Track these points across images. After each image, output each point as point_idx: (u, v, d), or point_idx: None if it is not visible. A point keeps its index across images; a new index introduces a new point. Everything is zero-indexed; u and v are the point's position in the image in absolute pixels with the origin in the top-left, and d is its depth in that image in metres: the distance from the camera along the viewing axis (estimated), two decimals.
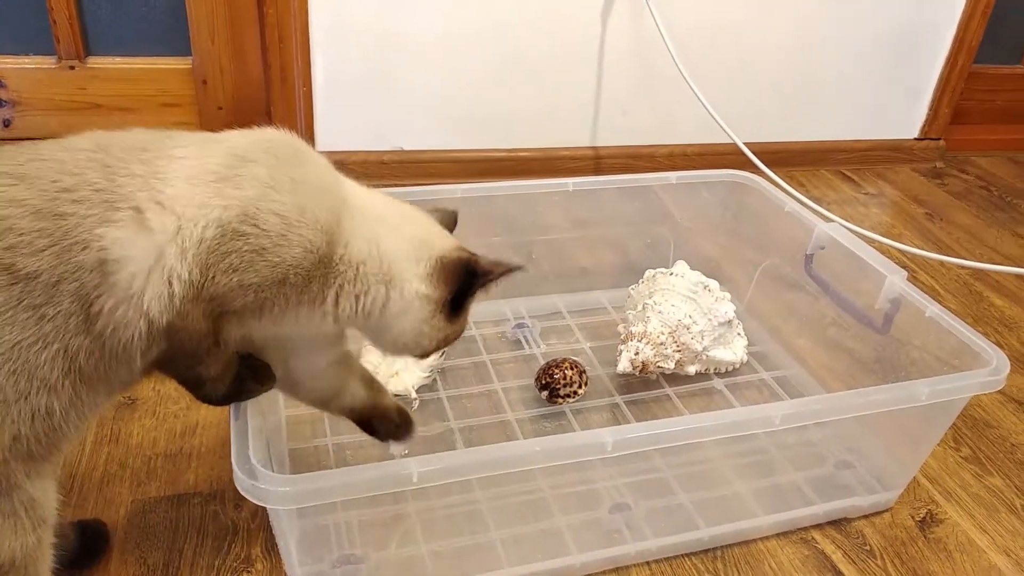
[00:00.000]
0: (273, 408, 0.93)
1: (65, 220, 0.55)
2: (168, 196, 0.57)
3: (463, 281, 0.70)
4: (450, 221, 0.77)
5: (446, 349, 1.03)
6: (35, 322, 0.54)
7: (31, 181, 0.55)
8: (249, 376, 0.69)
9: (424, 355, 0.75)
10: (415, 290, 0.68)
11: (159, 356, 0.60)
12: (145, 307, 0.56)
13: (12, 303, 0.54)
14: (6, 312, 0.54)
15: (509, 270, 0.72)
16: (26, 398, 0.56)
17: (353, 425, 0.96)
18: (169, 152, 0.60)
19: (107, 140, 0.61)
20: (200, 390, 0.66)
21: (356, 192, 0.69)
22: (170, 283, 0.57)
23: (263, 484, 0.61)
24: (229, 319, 0.61)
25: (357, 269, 0.65)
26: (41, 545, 0.62)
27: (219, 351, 0.63)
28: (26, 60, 1.48)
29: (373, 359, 1.01)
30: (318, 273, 0.62)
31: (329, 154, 1.59)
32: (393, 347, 0.72)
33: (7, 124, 1.50)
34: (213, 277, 0.58)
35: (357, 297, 0.66)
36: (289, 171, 0.62)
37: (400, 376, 1.00)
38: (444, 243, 0.71)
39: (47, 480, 0.62)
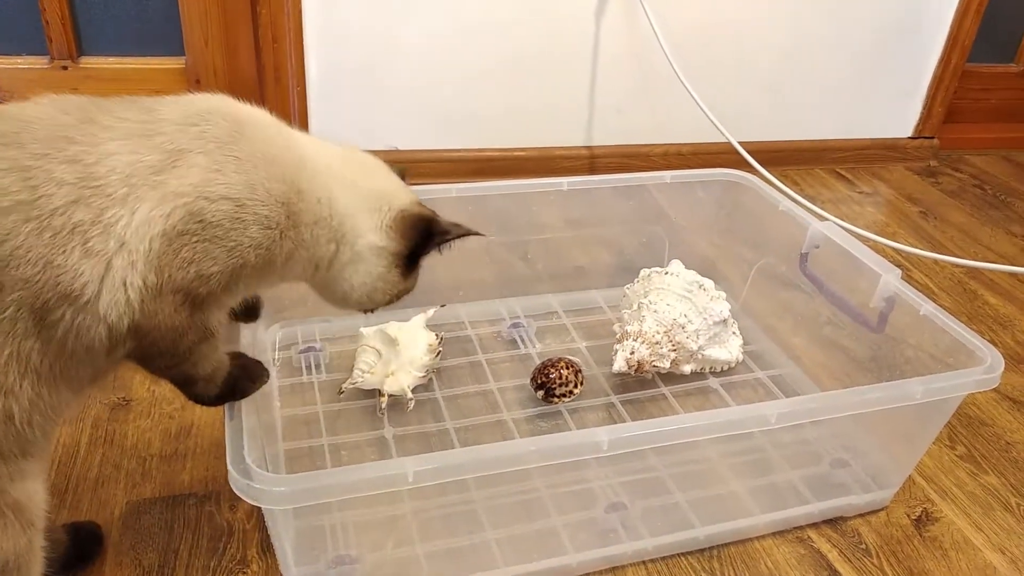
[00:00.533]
0: (268, 408, 0.93)
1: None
2: (108, 217, 0.55)
3: (422, 237, 0.71)
4: (400, 175, 0.78)
5: (440, 349, 1.03)
6: None
7: None
8: (242, 375, 0.69)
9: (372, 310, 0.76)
10: (369, 243, 0.69)
11: (136, 353, 0.60)
12: (102, 313, 0.55)
13: None
14: None
15: (467, 232, 0.75)
16: None
17: (350, 425, 0.97)
18: (100, 145, 0.56)
19: (22, 129, 0.56)
20: (192, 389, 0.66)
21: (312, 149, 0.67)
22: (125, 289, 0.56)
23: (258, 484, 0.61)
24: (206, 306, 0.60)
25: (311, 231, 0.64)
26: (32, 548, 0.61)
27: (208, 347, 0.63)
28: (19, 60, 1.47)
29: (369, 359, 1.01)
30: (280, 243, 0.62)
31: None
32: (343, 301, 0.72)
33: None
34: (169, 276, 0.57)
35: (309, 258, 0.66)
36: (231, 149, 0.60)
37: (396, 376, 0.99)
38: (405, 197, 0.72)
39: (33, 482, 0.61)
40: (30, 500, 0.61)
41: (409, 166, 1.59)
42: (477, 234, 0.77)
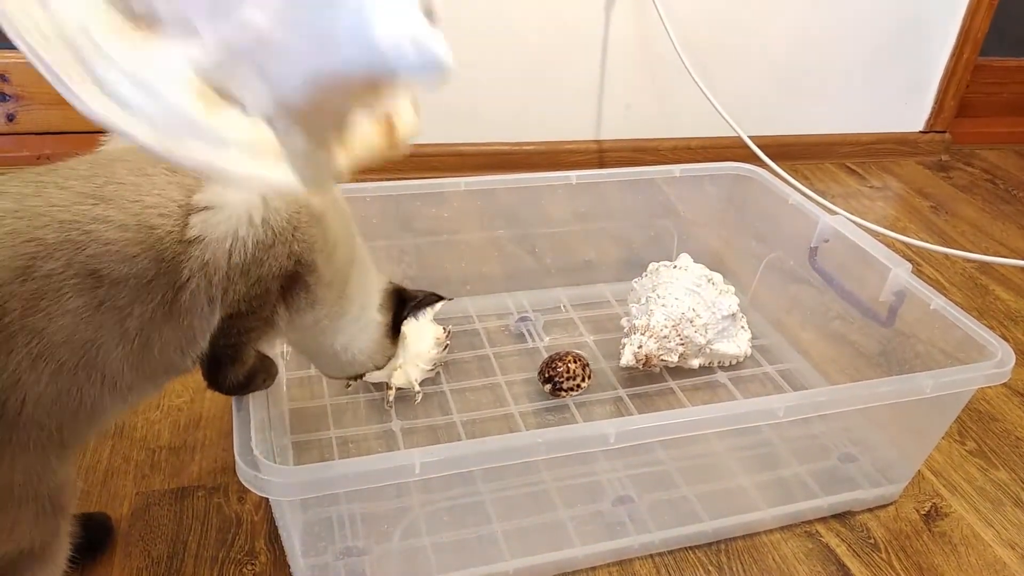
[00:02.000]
0: (276, 401, 0.93)
1: (156, 229, 0.58)
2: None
3: (398, 308, 0.83)
4: None
5: (448, 343, 1.04)
6: (116, 321, 0.57)
7: (112, 201, 0.58)
8: (261, 368, 0.71)
9: (362, 376, 0.87)
10: (374, 318, 0.79)
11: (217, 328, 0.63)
12: (227, 246, 0.60)
13: (94, 305, 0.56)
14: (85, 313, 0.56)
15: (435, 298, 0.89)
16: (80, 390, 0.58)
17: (357, 418, 0.97)
18: None
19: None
20: (221, 370, 0.67)
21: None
22: (252, 222, 0.61)
23: (266, 475, 0.61)
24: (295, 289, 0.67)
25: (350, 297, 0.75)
26: (59, 534, 0.63)
27: (269, 332, 0.68)
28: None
29: None
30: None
31: None
32: (348, 366, 0.82)
33: (11, 119, 1.50)
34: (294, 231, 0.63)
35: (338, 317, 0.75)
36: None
37: (403, 369, 0.99)
38: (381, 276, 0.82)
39: (71, 466, 0.64)
40: (66, 485, 0.62)
41: (419, 160, 1.61)
42: (443, 299, 0.91)
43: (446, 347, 1.04)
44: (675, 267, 1.11)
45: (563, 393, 1.01)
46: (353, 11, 0.29)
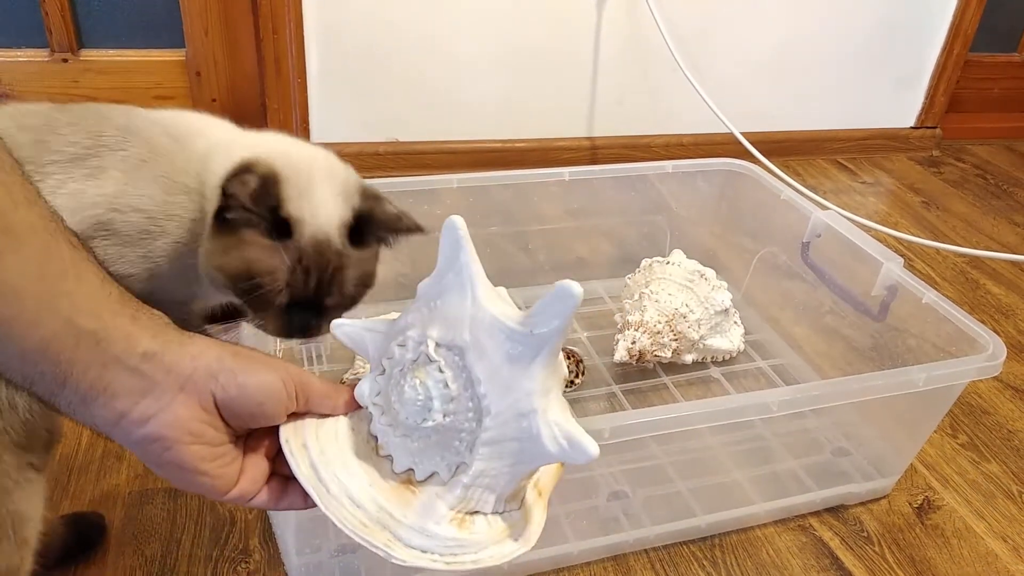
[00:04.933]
0: None
1: None
2: None
3: None
4: None
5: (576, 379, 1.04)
6: None
7: None
8: None
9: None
10: None
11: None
12: None
13: None
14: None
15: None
16: None
17: None
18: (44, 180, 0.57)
19: None
20: None
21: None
22: None
23: None
24: None
25: None
26: (21, 570, 0.60)
27: None
28: (19, 53, 1.47)
29: None
30: None
31: (324, 145, 1.59)
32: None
33: None
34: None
35: None
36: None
37: None
38: None
39: (36, 495, 0.60)
40: (31, 514, 0.59)
41: (411, 157, 1.61)
42: None
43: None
44: (668, 263, 1.12)
45: None
46: (532, 440, 0.47)
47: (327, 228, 0.61)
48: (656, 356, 1.05)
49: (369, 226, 0.65)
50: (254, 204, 0.58)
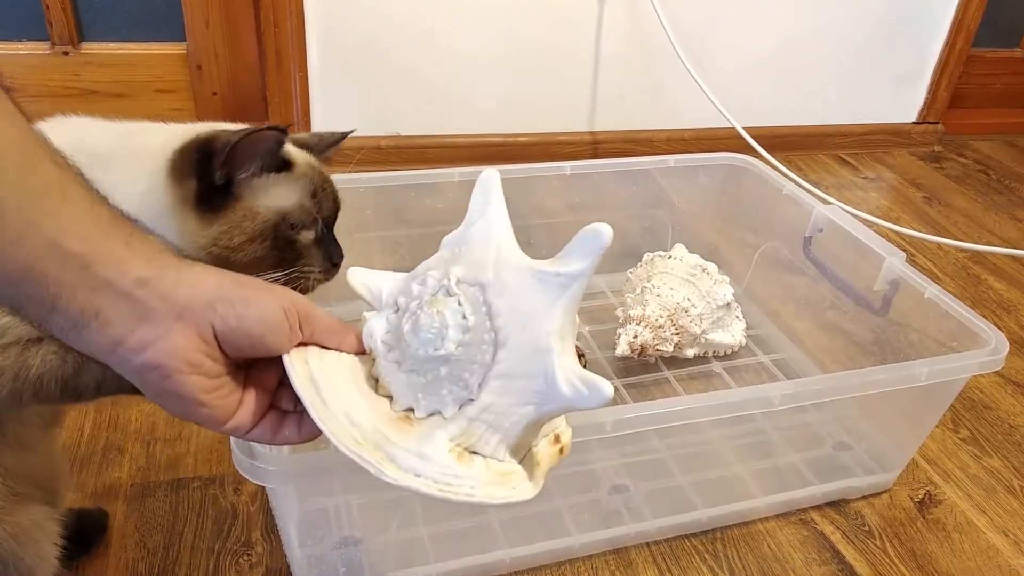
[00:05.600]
0: None
1: None
2: None
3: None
4: None
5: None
6: None
7: None
8: None
9: None
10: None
11: None
12: None
13: None
14: None
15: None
16: None
17: None
18: None
19: None
20: None
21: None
22: None
23: (261, 463, 0.61)
24: None
25: None
26: None
27: None
28: (19, 46, 1.46)
29: None
30: None
31: None
32: None
33: None
34: None
35: None
36: None
37: None
38: None
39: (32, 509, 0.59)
40: (27, 540, 0.58)
41: (412, 151, 1.61)
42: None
43: None
44: (670, 257, 1.12)
45: None
46: (546, 380, 0.46)
47: (302, 152, 0.63)
48: (658, 350, 1.05)
49: (310, 150, 0.67)
50: (252, 155, 0.56)
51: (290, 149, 0.62)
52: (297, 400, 0.47)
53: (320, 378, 0.48)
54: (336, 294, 1.14)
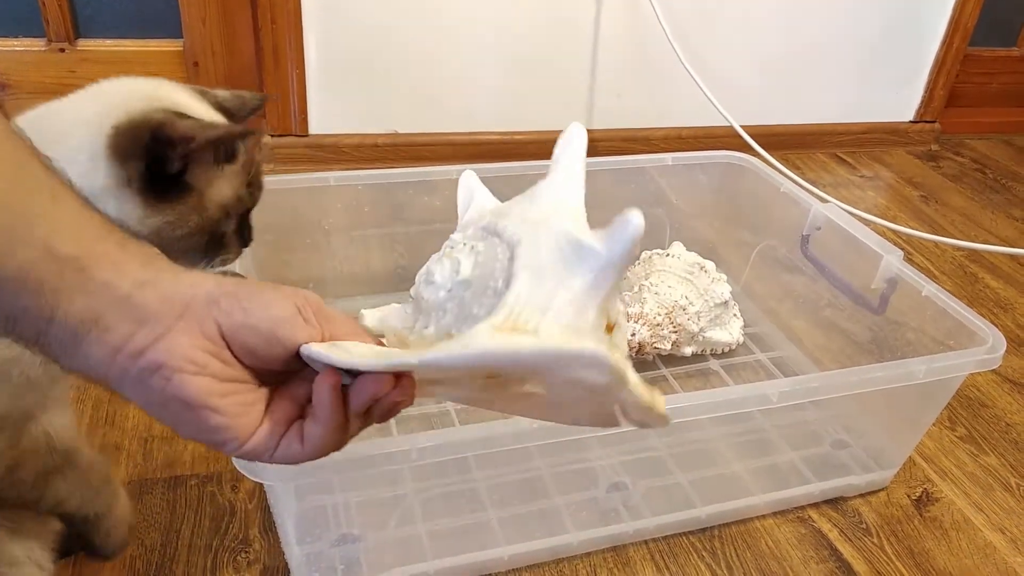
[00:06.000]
0: None
1: None
2: None
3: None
4: None
5: None
6: None
7: None
8: None
9: None
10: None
11: None
12: None
13: None
14: None
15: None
16: None
17: None
18: None
19: None
20: None
21: None
22: None
23: None
24: None
25: None
26: None
27: None
28: (15, 42, 1.46)
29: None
30: None
31: (322, 137, 1.58)
32: None
33: None
34: None
35: None
36: None
37: None
38: None
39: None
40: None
41: (410, 149, 1.60)
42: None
43: None
44: (668, 255, 1.12)
45: None
46: (573, 249, 0.43)
47: (240, 129, 0.57)
48: (655, 348, 1.05)
49: (229, 119, 0.62)
50: (216, 149, 0.53)
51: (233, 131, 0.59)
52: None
53: (345, 345, 0.44)
54: (334, 292, 1.15)
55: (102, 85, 0.58)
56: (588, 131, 1.66)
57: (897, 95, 1.85)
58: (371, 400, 0.43)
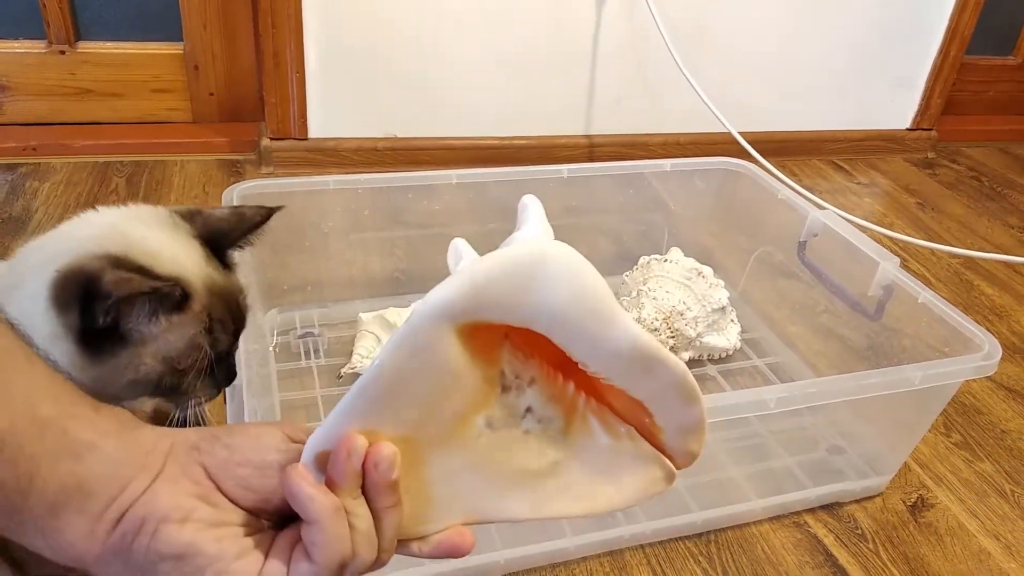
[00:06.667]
0: (267, 392, 0.93)
1: None
2: None
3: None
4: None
5: None
6: None
7: None
8: None
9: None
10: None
11: None
12: None
13: None
14: None
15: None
16: None
17: None
18: None
19: None
20: None
21: None
22: None
23: None
24: None
25: None
26: None
27: None
28: (16, 44, 1.46)
29: (368, 344, 1.01)
30: None
31: (322, 140, 1.59)
32: None
33: None
34: None
35: None
36: None
37: None
38: None
39: None
40: None
41: (409, 153, 1.61)
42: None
43: None
44: (665, 261, 1.12)
45: None
46: None
47: (206, 268, 0.55)
48: None
49: (222, 241, 0.58)
50: (143, 304, 0.50)
51: (190, 277, 0.54)
52: None
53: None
54: (333, 295, 1.15)
55: (81, 218, 0.56)
56: (587, 136, 1.68)
57: (894, 103, 1.86)
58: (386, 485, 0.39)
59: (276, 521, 0.40)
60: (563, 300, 0.38)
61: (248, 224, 0.60)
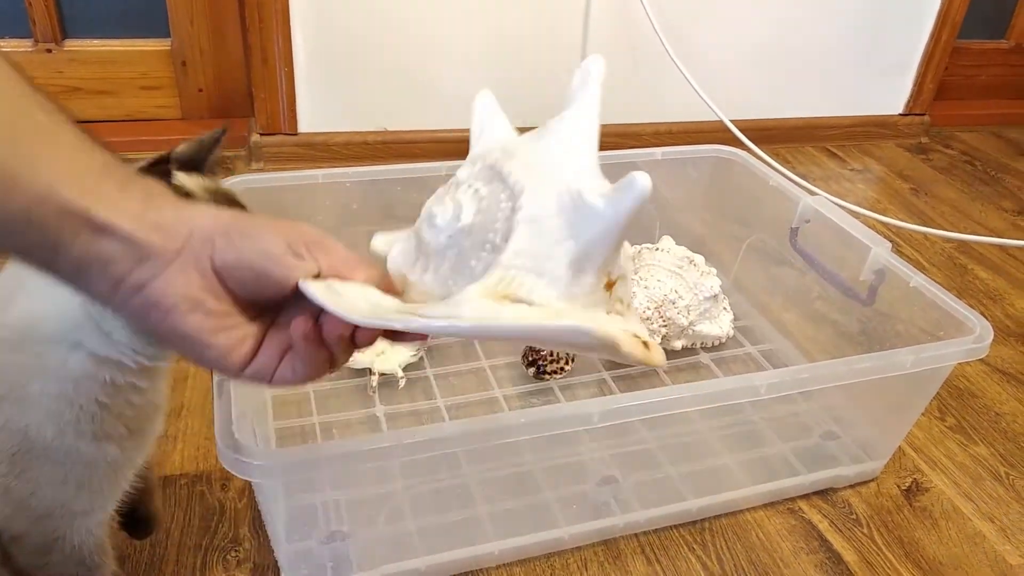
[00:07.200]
0: (257, 388, 0.93)
1: None
2: None
3: None
4: None
5: None
6: None
7: None
8: None
9: None
10: None
11: None
12: None
13: None
14: None
15: None
16: None
17: (341, 404, 0.97)
18: None
19: None
20: None
21: None
22: None
23: (247, 458, 0.61)
24: None
25: None
26: None
27: None
28: (1, 43, 1.46)
29: None
30: None
31: (311, 135, 1.59)
32: None
33: None
34: None
35: None
36: None
37: (386, 355, 0.99)
38: None
39: None
40: None
41: (399, 146, 1.60)
42: None
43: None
44: (657, 249, 1.12)
45: (547, 376, 1.01)
46: (575, 205, 0.43)
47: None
48: None
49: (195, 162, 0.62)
50: None
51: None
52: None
53: (339, 288, 0.44)
54: None
55: None
56: None
57: (886, 88, 1.85)
58: (339, 339, 0.45)
59: (265, 311, 0.46)
60: None
61: (208, 146, 0.63)
